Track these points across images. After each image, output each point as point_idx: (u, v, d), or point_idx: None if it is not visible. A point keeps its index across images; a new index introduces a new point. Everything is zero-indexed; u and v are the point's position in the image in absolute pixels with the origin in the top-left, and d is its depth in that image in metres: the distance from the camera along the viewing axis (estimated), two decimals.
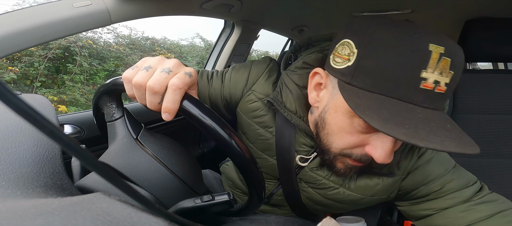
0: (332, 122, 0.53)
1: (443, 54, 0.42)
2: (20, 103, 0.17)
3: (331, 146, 0.55)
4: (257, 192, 0.48)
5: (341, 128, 0.52)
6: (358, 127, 0.50)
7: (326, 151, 0.56)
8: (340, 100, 0.51)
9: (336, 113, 0.52)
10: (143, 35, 5.47)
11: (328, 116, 0.54)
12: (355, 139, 0.51)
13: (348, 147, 0.53)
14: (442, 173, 0.61)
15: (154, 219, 0.23)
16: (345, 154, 0.54)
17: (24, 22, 0.68)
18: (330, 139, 0.54)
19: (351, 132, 0.51)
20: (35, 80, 3.73)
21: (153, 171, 0.51)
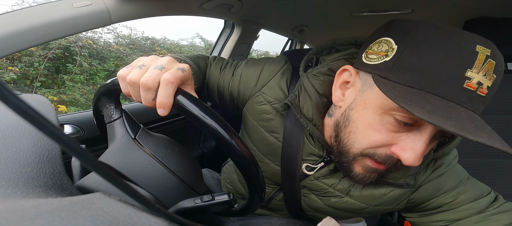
0: (359, 119, 0.49)
1: (489, 56, 0.42)
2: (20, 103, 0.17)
3: (352, 146, 0.51)
4: (258, 192, 0.48)
5: (368, 125, 0.48)
6: (388, 125, 0.46)
7: (345, 152, 0.53)
8: (371, 96, 0.48)
9: (364, 109, 0.49)
10: (143, 35, 5.48)
11: (354, 113, 0.50)
12: (383, 138, 0.47)
13: (373, 145, 0.48)
14: (456, 185, 0.59)
15: (154, 219, 0.23)
16: (367, 154, 0.50)
17: (24, 22, 0.68)
18: (353, 138, 0.50)
19: (379, 129, 0.47)
20: (35, 80, 3.73)
21: (152, 170, 0.51)
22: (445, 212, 0.59)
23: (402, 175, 0.57)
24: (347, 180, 0.61)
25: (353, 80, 0.52)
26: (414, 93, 0.41)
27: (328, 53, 0.63)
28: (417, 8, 1.39)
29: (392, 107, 0.45)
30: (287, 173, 0.65)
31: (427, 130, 0.45)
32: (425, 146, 0.45)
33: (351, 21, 1.67)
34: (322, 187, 0.64)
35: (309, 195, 0.67)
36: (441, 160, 0.60)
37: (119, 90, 0.50)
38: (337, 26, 1.86)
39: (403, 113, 0.44)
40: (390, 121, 0.46)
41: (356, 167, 0.53)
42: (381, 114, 0.47)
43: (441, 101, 0.41)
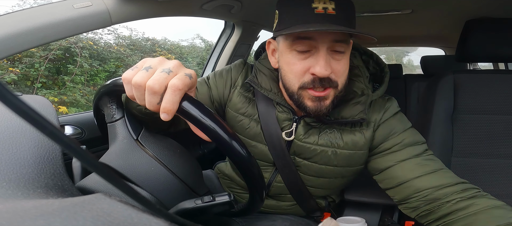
0: (283, 65, 0.68)
1: None
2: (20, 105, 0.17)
3: (291, 84, 0.67)
4: (258, 192, 0.48)
5: (287, 63, 0.66)
6: (296, 57, 0.64)
7: (291, 93, 0.68)
8: (281, 47, 0.68)
9: (282, 56, 0.68)
10: (143, 36, 5.48)
11: (281, 63, 0.69)
12: (299, 66, 0.64)
13: (298, 75, 0.65)
14: (403, 128, 0.73)
15: (154, 220, 0.23)
16: (302, 86, 0.65)
17: (25, 23, 0.69)
18: (287, 79, 0.67)
19: (294, 62, 0.65)
20: (36, 81, 3.74)
21: (153, 171, 0.51)
22: (395, 153, 0.71)
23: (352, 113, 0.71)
24: (325, 134, 0.73)
25: (275, 46, 0.72)
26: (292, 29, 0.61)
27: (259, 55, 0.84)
28: (417, 8, 1.39)
29: (291, 43, 0.64)
30: (274, 147, 0.76)
31: (320, 48, 0.62)
32: (324, 58, 0.62)
33: None
34: (308, 148, 0.74)
35: (302, 164, 0.76)
36: (388, 104, 0.75)
37: (122, 91, 0.50)
38: None
39: (297, 45, 0.63)
40: (295, 54, 0.64)
41: (306, 101, 0.67)
42: (289, 52, 0.65)
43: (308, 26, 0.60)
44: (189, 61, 6.07)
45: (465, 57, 1.11)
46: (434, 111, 1.03)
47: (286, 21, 0.64)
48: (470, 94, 1.03)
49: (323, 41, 0.61)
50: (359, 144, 0.73)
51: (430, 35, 2.17)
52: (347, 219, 0.81)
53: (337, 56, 0.64)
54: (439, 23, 1.73)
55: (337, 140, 0.73)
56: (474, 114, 1.03)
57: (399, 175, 0.69)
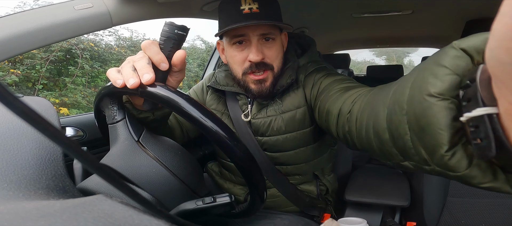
0: (229, 58, 0.82)
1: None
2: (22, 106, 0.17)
3: (236, 74, 0.81)
4: (259, 193, 0.48)
5: (231, 56, 0.80)
6: (235, 47, 0.78)
7: (239, 81, 0.82)
8: (225, 44, 0.82)
9: (227, 52, 0.82)
10: (144, 37, 5.49)
11: (228, 58, 0.83)
12: (239, 57, 0.78)
13: (239, 63, 0.79)
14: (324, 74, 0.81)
15: (155, 221, 0.23)
16: (244, 72, 0.79)
17: (26, 25, 0.69)
18: (233, 69, 0.81)
19: (235, 54, 0.79)
20: (37, 83, 3.74)
21: (154, 173, 0.51)
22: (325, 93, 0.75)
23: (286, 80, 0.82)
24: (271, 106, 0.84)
25: (223, 45, 0.85)
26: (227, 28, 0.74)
27: None
28: (417, 9, 1.39)
29: (230, 40, 0.78)
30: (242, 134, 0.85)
31: (251, 40, 0.76)
32: (255, 47, 0.76)
33: (352, 22, 1.67)
34: (261, 122, 0.84)
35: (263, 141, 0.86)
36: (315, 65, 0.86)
37: (123, 92, 0.50)
38: (338, 27, 1.86)
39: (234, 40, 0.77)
40: (234, 48, 0.79)
41: (250, 85, 0.80)
42: (230, 47, 0.80)
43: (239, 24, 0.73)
44: (189, 63, 6.08)
45: None
46: None
47: (223, 23, 0.78)
48: None
49: (253, 34, 0.75)
50: (295, 102, 0.83)
51: (431, 36, 2.17)
52: (348, 220, 0.81)
53: (268, 44, 0.78)
54: (439, 24, 1.73)
55: (280, 106, 0.84)
56: None
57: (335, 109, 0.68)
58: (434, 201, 1.02)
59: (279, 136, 0.84)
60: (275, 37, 0.79)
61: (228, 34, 0.78)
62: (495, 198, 1.00)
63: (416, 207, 1.04)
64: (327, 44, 2.54)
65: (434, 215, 1.02)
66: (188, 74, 5.83)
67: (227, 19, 0.76)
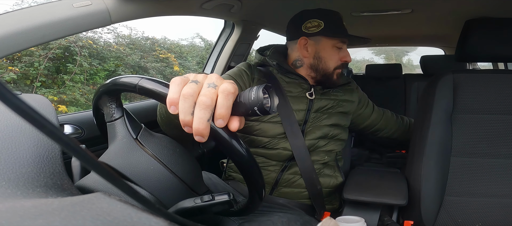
0: (325, 54, 1.05)
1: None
2: (20, 104, 0.17)
3: (329, 68, 1.05)
4: (258, 191, 0.48)
5: (330, 54, 1.05)
6: (335, 49, 1.05)
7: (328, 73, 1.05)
8: (324, 43, 1.04)
9: (324, 50, 1.05)
10: (143, 35, 5.48)
11: (322, 54, 1.05)
12: (337, 56, 1.05)
13: (335, 62, 1.05)
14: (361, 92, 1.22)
15: (154, 219, 0.23)
16: (336, 67, 1.05)
17: (24, 22, 0.69)
18: (327, 64, 1.05)
19: (334, 53, 1.05)
20: (35, 80, 3.73)
21: (153, 171, 0.51)
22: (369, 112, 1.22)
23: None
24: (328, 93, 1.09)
25: (307, 42, 1.06)
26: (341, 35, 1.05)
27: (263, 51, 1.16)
28: (417, 8, 1.39)
29: (334, 43, 1.04)
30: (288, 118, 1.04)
31: (345, 46, 1.07)
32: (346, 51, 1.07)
33: (351, 21, 1.66)
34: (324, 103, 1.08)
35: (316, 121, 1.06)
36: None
37: (121, 90, 0.50)
38: None
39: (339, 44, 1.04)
40: (335, 49, 1.05)
41: (334, 77, 1.06)
42: (331, 47, 1.05)
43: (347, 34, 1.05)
44: (188, 61, 6.07)
45: (465, 57, 1.11)
46: (434, 111, 1.04)
47: (334, 29, 1.03)
48: (470, 94, 1.03)
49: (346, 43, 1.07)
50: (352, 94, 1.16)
51: (430, 35, 2.17)
52: (346, 218, 0.81)
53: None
54: (439, 23, 1.73)
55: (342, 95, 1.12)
56: (473, 114, 1.03)
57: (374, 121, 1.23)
58: (431, 200, 1.02)
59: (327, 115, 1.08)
60: None
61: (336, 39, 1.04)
62: (492, 197, 1.01)
63: (414, 206, 1.04)
64: None
65: (432, 214, 1.02)
66: (187, 72, 5.81)
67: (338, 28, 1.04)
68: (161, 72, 5.19)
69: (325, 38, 1.03)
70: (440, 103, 1.04)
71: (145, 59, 5.04)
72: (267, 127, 1.02)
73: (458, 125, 1.03)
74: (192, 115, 0.38)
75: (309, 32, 1.04)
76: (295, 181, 1.04)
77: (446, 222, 1.02)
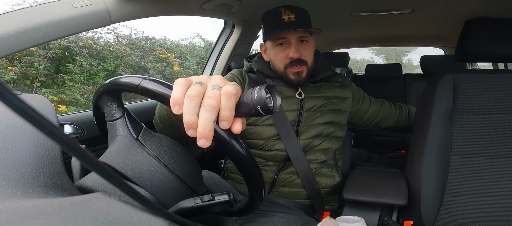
0: (272, 56, 1.04)
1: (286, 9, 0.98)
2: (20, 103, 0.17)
3: (279, 68, 1.03)
4: (258, 191, 0.48)
5: (275, 54, 1.03)
6: (279, 49, 1.01)
7: (281, 73, 1.03)
8: (269, 45, 1.05)
9: (271, 51, 1.05)
10: (143, 35, 5.47)
11: (271, 56, 1.05)
12: (282, 54, 1.01)
13: (282, 61, 1.01)
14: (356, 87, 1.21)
15: (154, 219, 0.23)
16: (285, 66, 1.01)
17: (24, 22, 0.69)
18: (276, 65, 1.04)
19: (278, 53, 1.02)
20: (35, 80, 3.73)
21: (153, 171, 0.51)
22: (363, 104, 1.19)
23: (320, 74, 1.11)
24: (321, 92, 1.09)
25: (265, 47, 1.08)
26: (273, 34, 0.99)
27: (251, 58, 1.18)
28: (417, 8, 1.39)
29: (274, 42, 1.02)
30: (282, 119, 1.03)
31: (291, 42, 0.99)
32: (294, 47, 0.98)
33: (351, 21, 1.67)
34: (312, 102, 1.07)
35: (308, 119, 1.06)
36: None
37: (122, 90, 0.50)
38: (337, 26, 1.86)
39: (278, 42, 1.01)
40: (278, 48, 1.01)
41: (290, 76, 1.02)
42: (274, 48, 1.03)
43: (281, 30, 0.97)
44: (188, 61, 6.07)
45: (465, 57, 1.11)
46: (433, 110, 1.04)
47: (268, 29, 1.00)
48: (470, 94, 1.03)
49: (292, 37, 0.98)
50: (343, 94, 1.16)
51: (430, 35, 2.17)
52: (346, 218, 0.81)
53: (303, 45, 1.01)
54: (438, 23, 1.73)
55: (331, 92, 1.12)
56: (473, 114, 1.03)
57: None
58: (431, 200, 1.02)
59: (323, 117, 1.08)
60: (309, 40, 1.02)
61: (272, 38, 1.00)
62: (492, 197, 1.01)
63: (414, 206, 1.04)
64: (326, 42, 2.54)
65: (431, 214, 1.02)
66: (187, 72, 5.82)
67: (272, 26, 0.98)
68: (161, 72, 5.19)
69: (268, 40, 1.03)
70: (440, 103, 1.04)
71: (145, 59, 5.04)
72: (261, 129, 1.02)
73: (458, 124, 1.03)
74: (197, 116, 0.37)
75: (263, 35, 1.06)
76: (292, 181, 1.05)
77: (446, 222, 1.02)
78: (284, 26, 0.95)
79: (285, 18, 0.95)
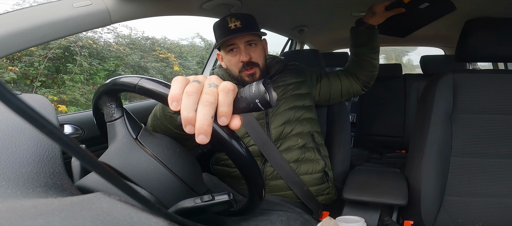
0: (227, 62, 1.10)
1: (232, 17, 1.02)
2: (20, 104, 0.17)
3: (234, 72, 1.08)
4: (258, 190, 0.48)
5: (228, 60, 1.08)
6: (231, 55, 1.06)
7: (237, 77, 1.08)
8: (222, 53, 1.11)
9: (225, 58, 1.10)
10: (143, 35, 5.47)
11: (226, 62, 1.10)
12: (234, 60, 1.06)
13: (235, 65, 1.07)
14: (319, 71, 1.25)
15: (154, 219, 0.23)
16: (239, 70, 1.06)
17: (24, 22, 0.69)
18: (232, 69, 1.09)
19: (231, 58, 1.07)
20: (35, 80, 3.73)
21: (153, 170, 0.51)
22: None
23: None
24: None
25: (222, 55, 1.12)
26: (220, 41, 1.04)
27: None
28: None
29: (225, 49, 1.07)
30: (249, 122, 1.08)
31: (240, 47, 1.05)
32: (243, 51, 1.04)
33: (351, 21, 1.66)
34: None
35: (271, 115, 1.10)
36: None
37: (121, 90, 0.50)
38: (337, 26, 1.86)
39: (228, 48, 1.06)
40: (230, 54, 1.07)
41: (245, 78, 1.07)
42: (226, 54, 1.08)
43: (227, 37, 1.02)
44: (188, 60, 6.07)
45: (465, 57, 1.11)
46: (433, 110, 1.04)
47: (218, 38, 1.06)
48: (470, 94, 1.03)
49: (241, 42, 1.04)
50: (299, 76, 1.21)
51: (430, 35, 2.17)
52: (346, 218, 0.81)
53: (252, 48, 1.06)
54: (438, 23, 1.73)
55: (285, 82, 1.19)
56: (473, 114, 1.03)
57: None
58: (431, 200, 1.02)
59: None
60: (257, 43, 1.08)
61: (223, 45, 1.06)
62: (492, 197, 1.01)
63: (414, 206, 1.04)
64: (326, 42, 2.53)
65: (431, 214, 1.02)
66: (187, 72, 5.82)
67: (220, 35, 1.04)
68: (161, 72, 5.19)
69: (221, 48, 1.09)
70: (440, 103, 1.04)
71: (145, 59, 5.04)
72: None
73: (458, 125, 1.03)
74: (195, 112, 0.38)
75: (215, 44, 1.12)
76: (277, 174, 1.06)
77: (446, 222, 1.02)
78: (231, 32, 1.01)
79: (232, 25, 1.01)
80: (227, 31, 1.01)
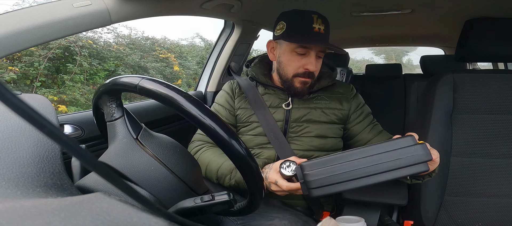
0: (284, 59, 0.96)
1: (318, 17, 0.92)
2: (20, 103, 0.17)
3: (287, 73, 0.97)
4: (258, 190, 0.48)
5: (289, 59, 0.95)
6: (295, 54, 0.94)
7: (287, 79, 0.97)
8: (284, 47, 0.96)
9: (284, 54, 0.96)
10: (143, 35, 5.47)
11: (282, 59, 0.97)
12: (297, 63, 0.94)
13: (294, 68, 0.95)
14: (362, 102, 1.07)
15: (154, 219, 0.23)
16: (295, 74, 0.95)
17: (24, 22, 0.68)
18: (285, 69, 0.97)
19: (293, 59, 0.95)
20: (35, 80, 3.73)
21: (153, 171, 0.51)
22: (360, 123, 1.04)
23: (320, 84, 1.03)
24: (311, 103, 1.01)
25: (274, 45, 1.01)
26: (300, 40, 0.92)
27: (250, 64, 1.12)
28: (417, 8, 1.39)
29: (294, 47, 0.93)
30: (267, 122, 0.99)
31: (312, 53, 0.93)
32: (314, 59, 0.93)
33: (351, 21, 1.67)
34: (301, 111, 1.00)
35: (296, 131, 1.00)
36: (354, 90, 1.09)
37: (121, 90, 0.50)
38: (338, 26, 1.86)
39: (299, 49, 0.93)
40: (295, 54, 0.94)
41: (296, 84, 0.96)
42: (290, 53, 0.95)
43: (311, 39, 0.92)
44: (188, 60, 6.07)
45: (465, 57, 1.11)
46: (433, 110, 1.04)
47: (294, 32, 0.93)
48: (470, 94, 1.03)
49: (315, 50, 0.93)
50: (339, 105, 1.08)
51: (430, 35, 2.17)
52: (346, 218, 0.81)
53: (319, 60, 0.97)
54: (439, 23, 1.73)
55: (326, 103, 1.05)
56: (473, 114, 1.03)
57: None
58: (431, 200, 1.02)
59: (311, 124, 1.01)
60: (322, 56, 0.98)
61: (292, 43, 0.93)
62: (492, 197, 1.01)
63: (414, 206, 1.04)
64: None
65: (432, 214, 1.02)
66: (187, 72, 5.82)
67: (300, 32, 0.92)
68: (161, 72, 5.20)
69: (285, 41, 0.94)
70: (440, 103, 1.04)
71: (145, 59, 5.04)
72: (247, 138, 1.01)
73: (458, 125, 1.03)
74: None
75: (276, 34, 0.98)
76: None
77: (446, 222, 1.02)
78: (315, 35, 0.90)
79: (316, 27, 0.90)
80: (311, 31, 0.89)
